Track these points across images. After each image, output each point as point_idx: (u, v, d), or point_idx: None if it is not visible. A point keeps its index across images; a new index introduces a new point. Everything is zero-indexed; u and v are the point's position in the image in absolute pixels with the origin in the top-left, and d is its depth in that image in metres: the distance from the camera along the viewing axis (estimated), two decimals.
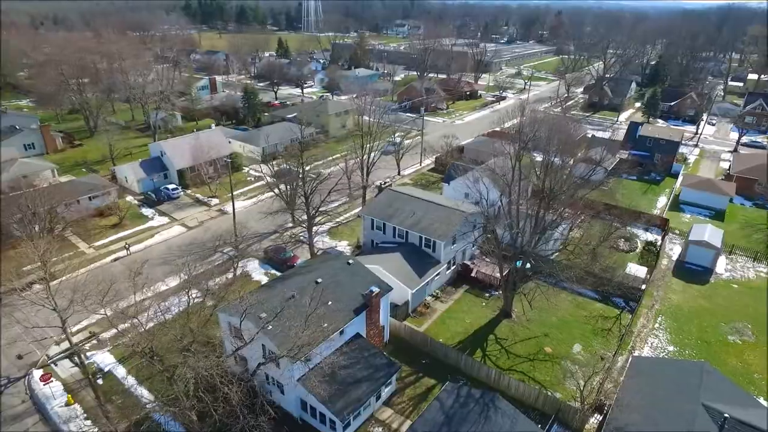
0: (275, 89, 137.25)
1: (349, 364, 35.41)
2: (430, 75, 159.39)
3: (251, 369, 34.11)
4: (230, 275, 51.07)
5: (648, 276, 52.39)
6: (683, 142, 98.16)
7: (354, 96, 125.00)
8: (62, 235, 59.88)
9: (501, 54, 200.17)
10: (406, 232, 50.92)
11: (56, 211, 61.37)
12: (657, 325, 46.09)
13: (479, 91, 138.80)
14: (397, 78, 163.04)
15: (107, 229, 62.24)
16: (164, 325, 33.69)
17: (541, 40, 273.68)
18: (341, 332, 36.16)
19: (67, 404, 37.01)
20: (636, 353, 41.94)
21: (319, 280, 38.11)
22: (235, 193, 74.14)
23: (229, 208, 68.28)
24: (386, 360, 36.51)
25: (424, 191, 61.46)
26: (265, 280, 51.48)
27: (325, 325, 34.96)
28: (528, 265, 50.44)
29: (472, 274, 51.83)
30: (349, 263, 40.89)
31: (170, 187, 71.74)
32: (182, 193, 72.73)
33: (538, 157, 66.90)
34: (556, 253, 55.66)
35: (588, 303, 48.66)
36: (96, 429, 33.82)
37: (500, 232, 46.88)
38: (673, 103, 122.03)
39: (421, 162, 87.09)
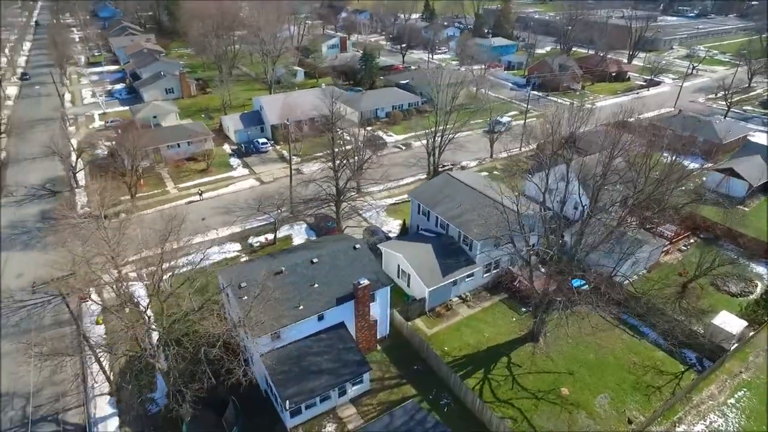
0: (403, 52, 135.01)
1: (318, 352, 33.91)
2: (576, 49, 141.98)
3: None
4: (270, 236, 52.48)
5: (748, 333, 40.42)
6: None
7: (481, 67, 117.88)
8: (159, 174, 67.57)
9: (676, 30, 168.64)
10: (447, 224, 46.42)
11: (159, 151, 69.37)
12: (732, 401, 35.53)
13: (629, 73, 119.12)
14: (541, 50, 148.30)
15: (195, 173, 68.32)
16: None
17: (745, 14, 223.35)
18: (320, 318, 34.61)
19: (96, 323, 42.15)
20: (679, 430, 33.01)
21: (315, 260, 36.69)
22: (317, 155, 75.78)
23: (306, 168, 69.85)
24: (359, 357, 34.10)
25: (487, 181, 54.85)
26: None
27: (301, 307, 33.78)
28: (583, 284, 42.88)
29: (515, 283, 45.55)
30: (355, 248, 38.56)
31: (260, 141, 75.71)
32: (271, 148, 76.38)
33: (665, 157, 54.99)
34: (634, 278, 46.52)
35: (645, 347, 39.44)
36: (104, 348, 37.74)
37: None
38: None
39: (520, 147, 78.48)
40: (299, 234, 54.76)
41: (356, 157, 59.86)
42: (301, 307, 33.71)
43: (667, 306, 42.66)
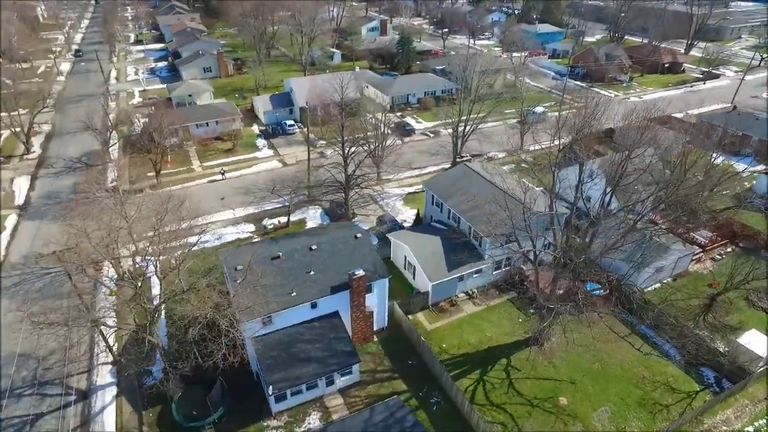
0: (444, 37, 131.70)
1: (309, 340, 33.72)
2: (628, 38, 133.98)
3: None
4: (284, 219, 52.67)
5: None
6: None
7: (521, 54, 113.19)
8: (187, 152, 69.14)
9: (748, 17, 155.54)
10: (459, 217, 44.95)
11: (189, 129, 70.88)
12: (750, 429, 32.66)
13: (684, 65, 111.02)
14: (591, 39, 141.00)
15: (221, 152, 69.43)
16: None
17: None
18: (313, 305, 34.33)
19: (110, 294, 43.71)
20: None
21: (314, 247, 36.38)
22: (336, 139, 75.25)
23: (330, 152, 69.37)
24: (349, 348, 33.63)
25: (509, 174, 52.77)
26: None
27: (294, 294, 33.60)
28: (598, 289, 40.94)
29: (525, 283, 43.68)
30: (357, 236, 37.92)
31: (288, 122, 75.94)
32: (298, 130, 76.48)
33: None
34: (656, 285, 43.92)
35: (657, 361, 36.81)
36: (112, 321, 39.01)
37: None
38: None
39: (553, 139, 74.83)
40: (314, 218, 54.65)
41: (377, 144, 59.20)
42: (294, 293, 33.51)
43: (688, 318, 39.83)
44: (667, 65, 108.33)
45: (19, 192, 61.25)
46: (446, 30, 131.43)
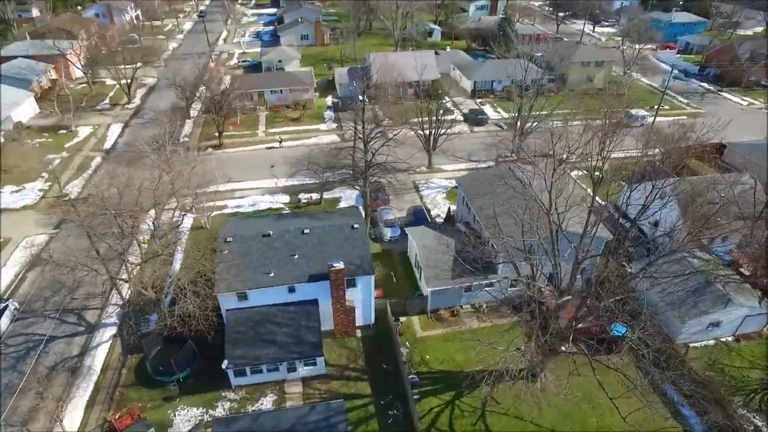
0: (558, 21, 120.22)
1: (279, 323, 33.43)
2: None
3: None
4: (316, 195, 52.64)
5: None
6: None
7: (638, 47, 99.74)
8: (257, 116, 71.90)
9: None
10: (480, 223, 41.09)
11: (264, 95, 73.52)
12: None
13: None
14: (747, 32, 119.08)
15: (288, 120, 71.06)
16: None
17: None
18: (291, 290, 33.84)
19: (143, 242, 47.41)
20: None
21: (306, 231, 35.71)
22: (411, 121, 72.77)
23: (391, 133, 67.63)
24: (315, 340, 32.71)
25: (563, 182, 46.80)
26: None
27: (272, 274, 33.37)
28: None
29: (542, 307, 38.83)
30: (353, 227, 36.40)
31: (360, 97, 75.01)
32: (368, 105, 75.39)
33: None
34: (708, 342, 36.96)
35: (671, 428, 30.71)
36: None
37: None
38: None
39: (644, 148, 65.01)
40: (349, 199, 53.90)
41: (433, 130, 56.46)
42: (272, 274, 33.29)
43: (737, 392, 32.60)
44: None
45: (111, 136, 68.78)
46: (562, 14, 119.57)
